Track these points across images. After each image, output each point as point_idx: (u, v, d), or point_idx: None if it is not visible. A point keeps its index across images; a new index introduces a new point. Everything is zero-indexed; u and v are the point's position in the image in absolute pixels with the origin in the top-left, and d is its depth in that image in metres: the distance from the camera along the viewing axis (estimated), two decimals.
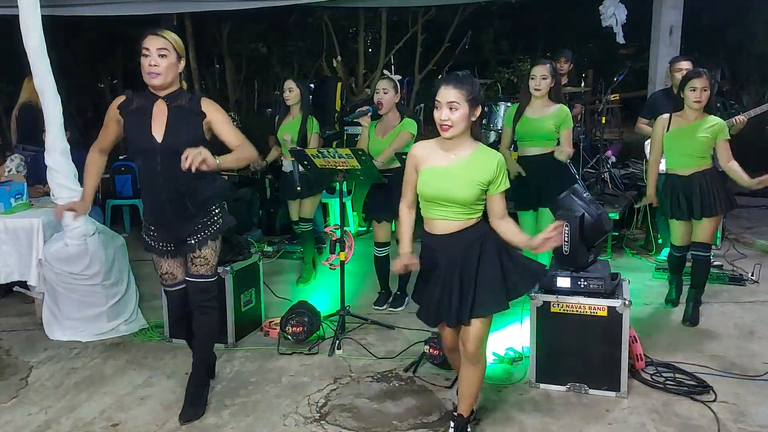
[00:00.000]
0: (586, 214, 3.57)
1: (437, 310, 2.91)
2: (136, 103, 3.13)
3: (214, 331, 3.49)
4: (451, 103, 2.75)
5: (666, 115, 4.40)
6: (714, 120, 4.25)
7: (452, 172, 2.81)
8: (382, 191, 4.56)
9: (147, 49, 3.02)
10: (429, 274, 2.94)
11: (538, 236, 2.86)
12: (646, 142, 5.70)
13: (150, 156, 3.09)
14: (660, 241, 5.92)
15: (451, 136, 2.80)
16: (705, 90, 4.18)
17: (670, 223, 4.57)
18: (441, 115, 2.78)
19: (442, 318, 2.92)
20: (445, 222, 2.86)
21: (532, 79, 4.50)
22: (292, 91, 5.17)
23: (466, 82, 2.78)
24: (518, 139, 4.72)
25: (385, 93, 4.60)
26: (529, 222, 4.70)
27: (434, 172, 2.85)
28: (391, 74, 4.77)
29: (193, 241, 3.23)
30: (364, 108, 4.67)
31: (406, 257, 2.93)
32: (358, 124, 5.04)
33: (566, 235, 3.53)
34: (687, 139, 4.25)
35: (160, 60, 3.02)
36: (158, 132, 3.08)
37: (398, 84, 4.67)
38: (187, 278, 3.32)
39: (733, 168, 4.25)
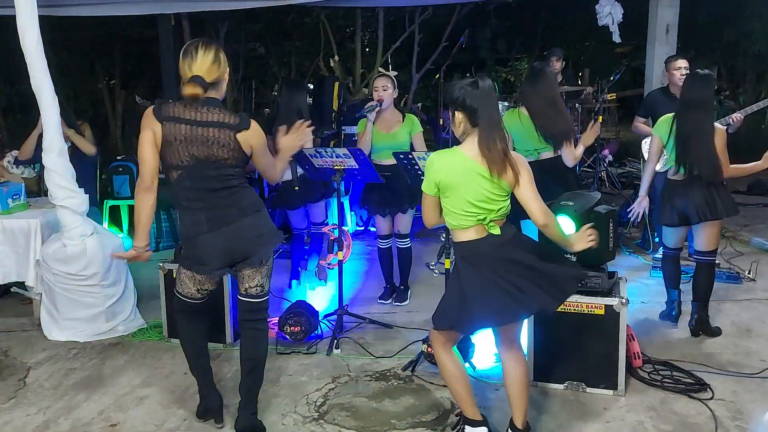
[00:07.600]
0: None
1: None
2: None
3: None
4: None
5: (670, 115, 4.15)
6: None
7: None
8: (381, 186, 4.55)
9: None
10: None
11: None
12: (644, 141, 5.70)
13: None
14: (657, 239, 5.91)
15: None
16: None
17: (663, 228, 4.35)
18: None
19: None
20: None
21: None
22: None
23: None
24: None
25: (384, 90, 4.61)
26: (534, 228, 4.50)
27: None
28: (388, 72, 4.78)
29: (252, 257, 3.04)
30: (374, 103, 4.62)
31: None
32: (355, 124, 5.01)
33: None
34: None
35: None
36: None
37: (395, 80, 4.70)
38: (243, 298, 3.10)
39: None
